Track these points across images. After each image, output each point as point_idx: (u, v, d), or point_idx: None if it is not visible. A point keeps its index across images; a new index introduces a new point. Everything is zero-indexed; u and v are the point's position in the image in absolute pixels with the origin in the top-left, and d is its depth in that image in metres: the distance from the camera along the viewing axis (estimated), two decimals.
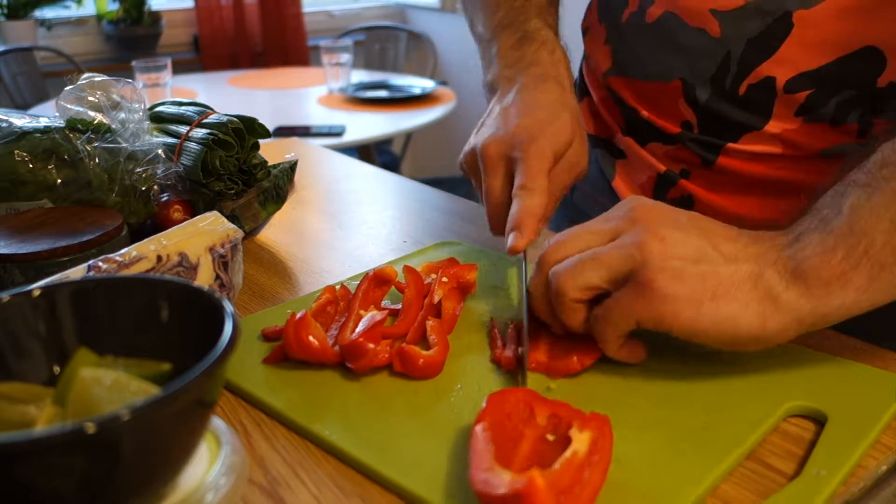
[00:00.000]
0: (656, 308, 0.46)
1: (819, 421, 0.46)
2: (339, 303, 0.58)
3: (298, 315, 0.51)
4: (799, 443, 0.44)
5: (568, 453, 0.39)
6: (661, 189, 0.73)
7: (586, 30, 0.82)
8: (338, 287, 0.60)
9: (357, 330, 0.52)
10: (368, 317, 0.53)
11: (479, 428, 0.40)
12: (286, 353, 0.52)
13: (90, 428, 0.28)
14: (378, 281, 0.60)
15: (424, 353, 0.51)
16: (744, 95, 0.64)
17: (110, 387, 0.33)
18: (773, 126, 0.64)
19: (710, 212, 0.51)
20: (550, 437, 0.41)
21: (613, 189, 0.78)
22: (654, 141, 0.73)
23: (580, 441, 0.39)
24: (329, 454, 0.45)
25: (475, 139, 0.65)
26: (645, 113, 0.73)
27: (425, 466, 0.42)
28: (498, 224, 0.62)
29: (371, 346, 0.50)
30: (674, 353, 0.51)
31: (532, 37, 0.71)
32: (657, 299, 0.46)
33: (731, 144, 0.67)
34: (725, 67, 0.65)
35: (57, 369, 0.39)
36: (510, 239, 0.58)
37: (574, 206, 0.86)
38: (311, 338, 0.51)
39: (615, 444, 0.41)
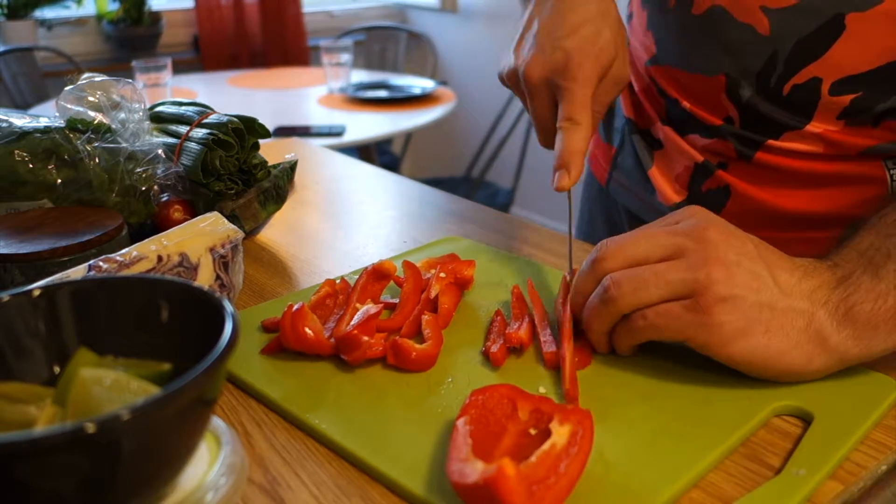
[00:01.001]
0: (709, 334, 0.46)
1: (807, 420, 0.46)
2: (339, 296, 0.58)
3: (296, 307, 0.52)
4: (790, 439, 0.45)
5: (546, 445, 0.39)
6: (698, 179, 0.73)
7: (630, 16, 0.81)
8: (338, 281, 0.60)
9: (352, 322, 0.52)
10: (363, 310, 0.53)
11: (460, 422, 0.41)
12: (283, 343, 0.53)
13: (90, 428, 0.28)
14: (377, 275, 0.60)
15: (417, 346, 0.51)
16: (788, 95, 0.64)
17: (110, 387, 0.33)
18: (814, 126, 0.64)
19: (746, 202, 0.51)
20: (533, 432, 0.42)
21: (649, 178, 0.78)
22: (694, 132, 0.72)
23: (559, 434, 0.40)
24: (322, 445, 0.45)
25: (517, 59, 0.64)
26: (686, 104, 0.72)
27: (412, 458, 0.42)
28: (546, 140, 0.64)
29: (365, 338, 0.51)
30: (664, 349, 0.51)
31: None
32: (713, 326, 0.46)
33: (771, 141, 0.66)
34: (772, 66, 0.64)
35: (57, 369, 0.39)
36: (556, 177, 0.59)
37: (609, 197, 0.85)
38: (306, 329, 0.51)
39: (599, 438, 0.42)
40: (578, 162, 0.59)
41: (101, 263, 0.52)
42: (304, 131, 2.11)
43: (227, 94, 2.64)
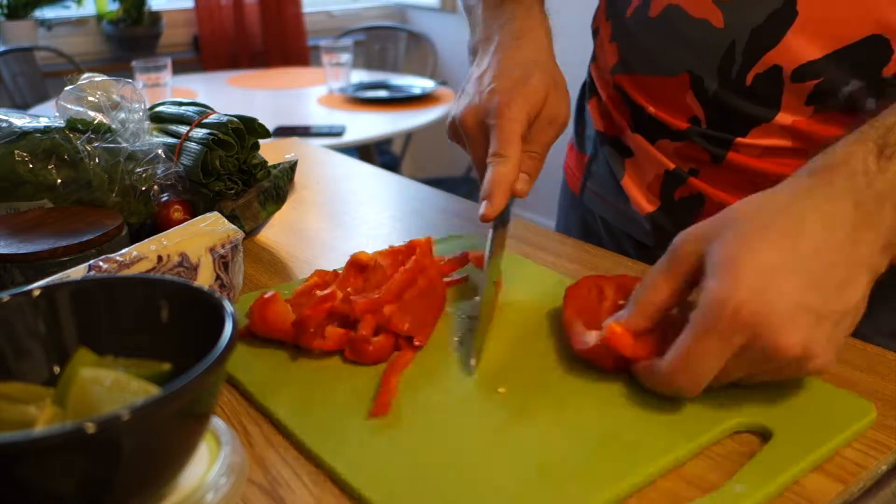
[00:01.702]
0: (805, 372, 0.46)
1: (766, 437, 0.45)
2: (328, 286, 0.58)
3: (269, 293, 0.53)
4: (739, 458, 0.43)
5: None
6: (669, 187, 0.73)
7: (596, 30, 0.82)
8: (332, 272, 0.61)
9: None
10: (321, 294, 0.54)
11: (568, 312, 0.53)
12: (251, 329, 0.54)
13: (90, 428, 0.28)
14: (356, 267, 0.60)
15: (374, 339, 0.52)
16: (751, 86, 0.64)
17: (110, 387, 0.33)
18: (783, 117, 0.64)
19: (720, 210, 0.50)
20: (621, 302, 0.54)
21: (622, 188, 0.78)
22: (663, 138, 0.72)
23: None
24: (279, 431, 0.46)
25: (455, 108, 0.67)
26: (652, 109, 0.72)
27: (355, 451, 0.43)
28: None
29: (313, 323, 0.52)
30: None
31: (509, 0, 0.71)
32: (810, 371, 0.46)
33: (740, 139, 0.66)
34: (731, 57, 0.64)
35: (57, 369, 0.39)
36: (481, 207, 0.61)
37: (583, 206, 0.86)
38: (271, 313, 0.53)
39: (546, 447, 0.43)
40: (501, 192, 0.60)
41: (101, 263, 0.52)
42: (304, 131, 2.11)
43: (226, 94, 2.64)
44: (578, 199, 0.86)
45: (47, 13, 3.14)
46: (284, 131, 2.10)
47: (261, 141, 0.76)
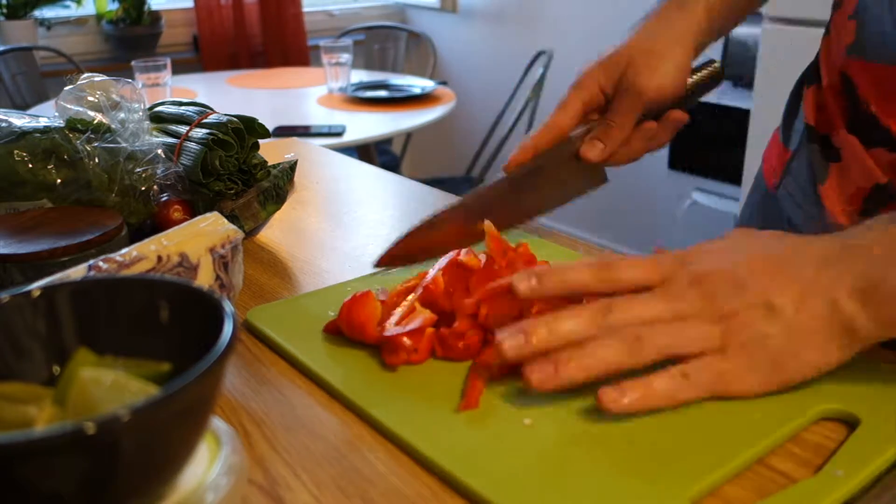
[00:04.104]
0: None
1: (851, 424, 0.45)
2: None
3: (360, 293, 0.54)
4: (820, 451, 0.44)
5: None
6: (874, 203, 0.63)
7: (837, 4, 0.70)
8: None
9: (403, 327, 0.52)
10: (418, 320, 0.53)
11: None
12: (339, 326, 0.54)
13: (90, 428, 0.28)
14: (460, 269, 0.58)
15: (466, 334, 0.52)
16: None
17: (109, 387, 0.33)
18: None
19: None
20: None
21: (818, 195, 0.69)
22: (881, 145, 0.62)
23: None
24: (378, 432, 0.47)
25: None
26: (873, 107, 0.62)
27: (465, 449, 0.43)
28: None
29: (407, 341, 0.51)
30: None
31: None
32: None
33: None
34: None
35: (57, 369, 0.39)
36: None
37: (775, 204, 0.77)
38: (359, 316, 0.52)
39: (634, 436, 0.44)
40: (526, 146, 0.63)
41: (100, 263, 0.52)
42: (303, 131, 2.11)
43: (226, 94, 2.64)
44: (771, 196, 0.78)
45: (47, 13, 3.14)
46: (284, 131, 2.10)
47: (260, 141, 0.76)
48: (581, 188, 0.67)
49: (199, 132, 0.73)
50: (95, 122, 0.72)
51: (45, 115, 0.76)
